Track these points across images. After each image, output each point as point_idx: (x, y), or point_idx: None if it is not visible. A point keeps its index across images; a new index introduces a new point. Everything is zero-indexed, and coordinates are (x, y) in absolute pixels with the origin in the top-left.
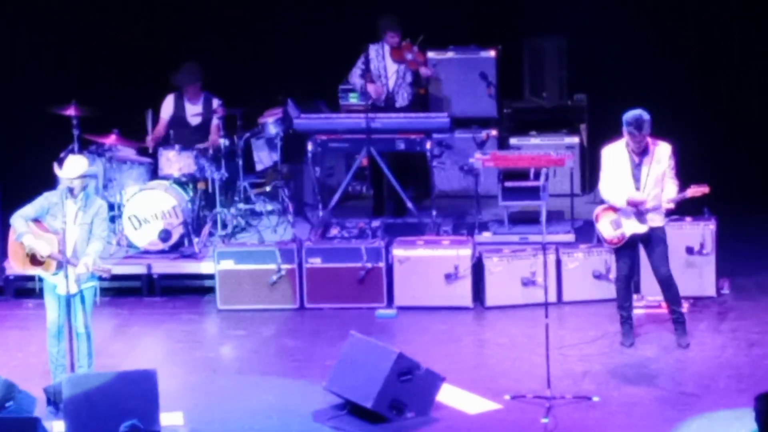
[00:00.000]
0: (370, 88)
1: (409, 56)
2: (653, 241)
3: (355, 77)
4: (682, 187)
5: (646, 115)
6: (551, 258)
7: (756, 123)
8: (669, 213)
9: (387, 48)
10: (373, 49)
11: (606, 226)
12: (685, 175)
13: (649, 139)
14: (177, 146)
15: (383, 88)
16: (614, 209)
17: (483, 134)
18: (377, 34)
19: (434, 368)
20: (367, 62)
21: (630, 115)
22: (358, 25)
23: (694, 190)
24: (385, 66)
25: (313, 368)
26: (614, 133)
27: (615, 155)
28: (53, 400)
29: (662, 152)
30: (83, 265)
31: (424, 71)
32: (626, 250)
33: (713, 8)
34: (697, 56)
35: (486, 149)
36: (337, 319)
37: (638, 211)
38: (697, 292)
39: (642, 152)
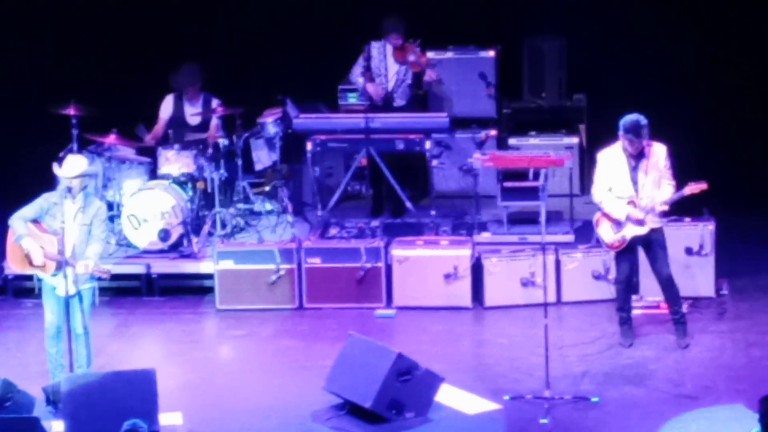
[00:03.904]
0: (370, 88)
1: (411, 57)
2: (653, 243)
3: (356, 75)
4: (679, 186)
5: (643, 120)
6: (550, 258)
7: (756, 124)
8: (666, 213)
9: (389, 48)
10: (374, 47)
11: (607, 231)
12: (684, 175)
13: (644, 141)
14: (176, 146)
15: (382, 89)
16: None
17: (482, 134)
18: (380, 34)
19: (433, 368)
20: (368, 59)
21: (628, 121)
22: (358, 24)
23: (692, 188)
24: (386, 65)
25: (312, 368)
26: (613, 134)
27: (611, 159)
28: (52, 399)
29: (658, 153)
30: (83, 265)
31: (429, 75)
32: (626, 252)
33: (712, 8)
34: (696, 57)
35: (485, 149)
36: (336, 319)
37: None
38: (695, 293)
39: (638, 155)
